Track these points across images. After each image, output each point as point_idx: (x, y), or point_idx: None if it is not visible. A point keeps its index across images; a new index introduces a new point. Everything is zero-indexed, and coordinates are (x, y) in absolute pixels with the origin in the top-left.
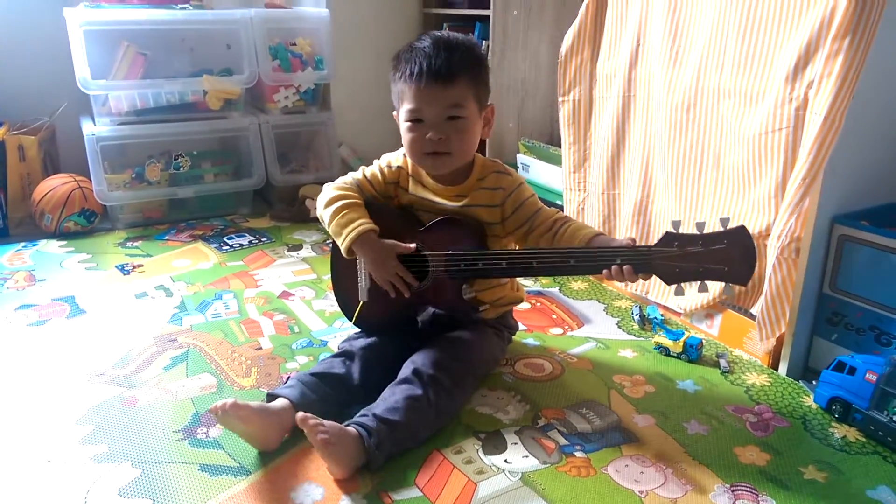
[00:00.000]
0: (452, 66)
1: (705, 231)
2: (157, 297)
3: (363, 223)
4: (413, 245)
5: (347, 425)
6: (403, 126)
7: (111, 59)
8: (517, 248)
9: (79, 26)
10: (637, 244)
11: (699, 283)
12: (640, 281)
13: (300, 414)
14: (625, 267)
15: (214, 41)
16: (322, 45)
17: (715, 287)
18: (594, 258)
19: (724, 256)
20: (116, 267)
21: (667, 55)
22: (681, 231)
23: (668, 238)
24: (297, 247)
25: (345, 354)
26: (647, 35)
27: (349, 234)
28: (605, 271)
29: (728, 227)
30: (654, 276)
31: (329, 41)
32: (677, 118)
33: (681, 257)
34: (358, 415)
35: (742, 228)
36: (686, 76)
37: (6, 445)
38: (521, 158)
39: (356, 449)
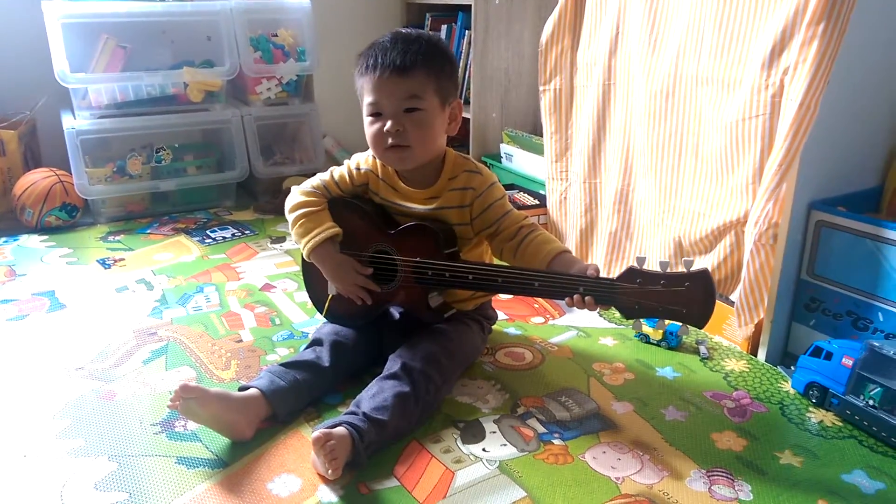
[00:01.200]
0: (408, 58)
1: (668, 270)
2: (138, 291)
3: (319, 233)
4: (370, 269)
5: (337, 424)
6: (366, 122)
7: (91, 53)
8: (489, 252)
9: (57, 19)
10: (600, 273)
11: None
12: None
13: (314, 435)
14: (586, 297)
15: (195, 33)
16: (304, 36)
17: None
18: (558, 285)
19: (684, 298)
20: (97, 261)
21: (645, 43)
22: (644, 268)
23: (630, 273)
24: (281, 239)
25: (314, 343)
26: (626, 23)
27: (306, 244)
28: (567, 299)
29: (691, 270)
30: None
31: (311, 32)
32: (656, 106)
33: (642, 294)
34: (347, 411)
35: (705, 272)
36: (664, 64)
37: None
38: (505, 148)
39: (349, 449)
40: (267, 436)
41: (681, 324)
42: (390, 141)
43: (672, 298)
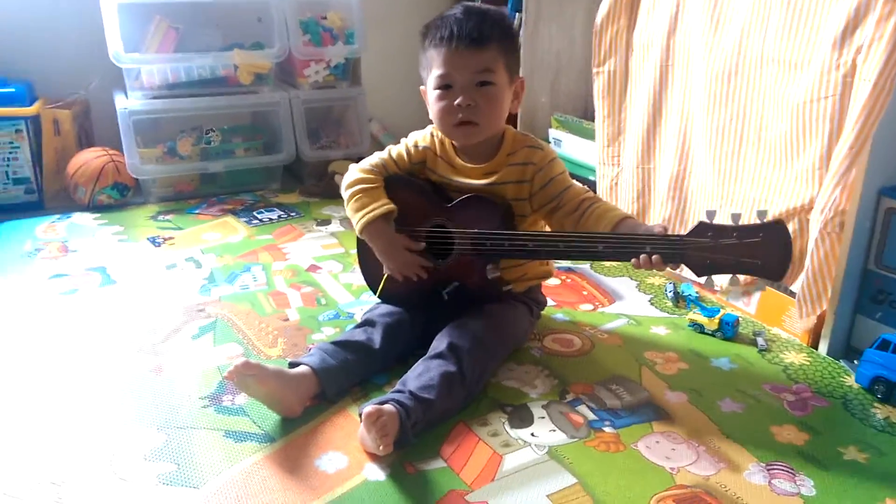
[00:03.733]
0: (483, 30)
1: (741, 223)
2: (187, 269)
3: (373, 209)
4: (422, 244)
5: (384, 402)
6: (432, 95)
7: (143, 33)
8: (545, 227)
9: (113, 0)
10: (668, 232)
11: (730, 276)
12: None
13: (366, 410)
14: (654, 256)
15: (245, 15)
16: (353, 19)
17: (745, 278)
18: (623, 245)
19: (759, 250)
20: (148, 239)
21: (707, 21)
22: (715, 221)
23: (701, 228)
24: (326, 222)
25: (366, 323)
26: (687, 1)
27: (360, 220)
28: (633, 260)
29: (765, 221)
30: (683, 265)
31: (360, 15)
32: (718, 87)
33: (713, 249)
34: (393, 389)
35: (780, 223)
36: (728, 43)
37: (34, 409)
38: (554, 133)
39: (396, 427)
40: (314, 413)
41: (755, 278)
42: (460, 116)
43: (746, 251)
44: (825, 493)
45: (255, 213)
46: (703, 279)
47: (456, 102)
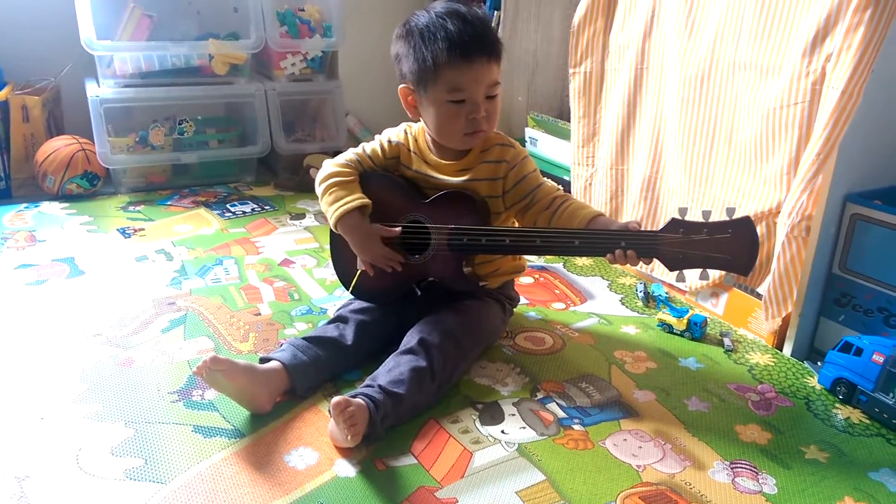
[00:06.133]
0: (493, 44)
1: (710, 219)
2: (158, 261)
3: (348, 202)
4: (398, 228)
5: (354, 395)
6: (441, 107)
7: (117, 21)
8: (516, 224)
9: None
10: (640, 227)
11: (700, 270)
12: (641, 264)
13: (334, 400)
14: (629, 251)
15: (222, 4)
16: (331, 12)
17: (714, 275)
18: (599, 240)
19: (728, 246)
20: (118, 230)
21: (682, 25)
22: (686, 218)
23: (673, 224)
24: (300, 216)
25: (339, 319)
26: (663, 5)
27: (334, 213)
28: (609, 255)
29: (733, 217)
30: (655, 260)
31: (338, 8)
32: (690, 91)
33: (685, 244)
34: (363, 384)
35: (747, 219)
36: (701, 48)
37: (0, 401)
38: (530, 133)
39: (366, 420)
40: (285, 409)
41: (726, 273)
42: (474, 127)
43: (716, 247)
44: (786, 492)
45: (228, 206)
46: (674, 273)
47: (471, 117)
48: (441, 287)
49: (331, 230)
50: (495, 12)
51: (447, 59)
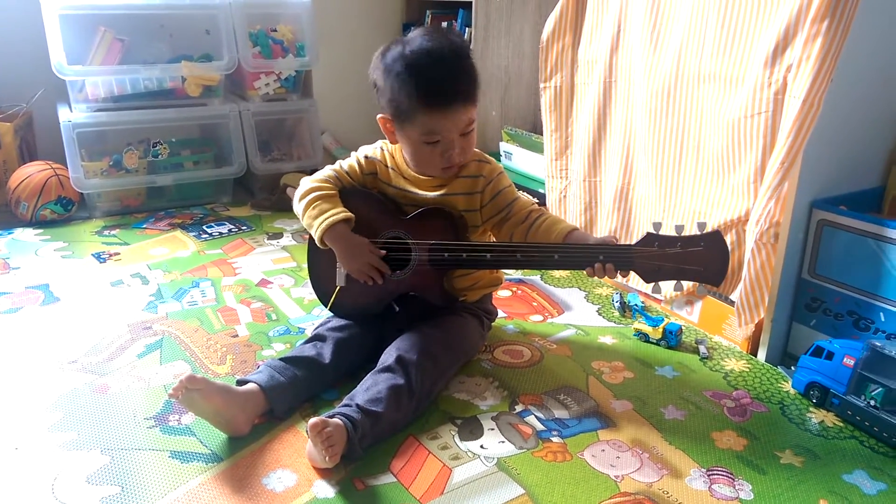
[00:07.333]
0: (469, 87)
1: (683, 234)
2: (133, 285)
3: (334, 214)
4: (383, 252)
5: (332, 415)
6: (417, 146)
7: (88, 45)
8: (492, 238)
9: (55, 11)
10: (617, 241)
11: (675, 282)
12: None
13: (311, 421)
14: (607, 264)
15: (193, 27)
16: (304, 32)
17: (688, 284)
18: (579, 254)
19: (701, 258)
20: (92, 255)
21: (647, 40)
22: (661, 232)
23: (648, 238)
24: (278, 235)
25: (316, 338)
26: (628, 20)
27: (320, 225)
28: (588, 268)
29: (704, 231)
30: (631, 272)
31: (311, 28)
32: (657, 104)
33: (660, 257)
34: (341, 404)
35: (718, 233)
36: (666, 61)
37: None
38: (504, 147)
39: (344, 440)
40: (262, 431)
41: (698, 283)
42: (448, 163)
43: (690, 259)
44: (762, 497)
45: (204, 227)
46: (650, 285)
47: (446, 155)
48: (419, 302)
49: (308, 248)
50: (467, 29)
51: (423, 105)
